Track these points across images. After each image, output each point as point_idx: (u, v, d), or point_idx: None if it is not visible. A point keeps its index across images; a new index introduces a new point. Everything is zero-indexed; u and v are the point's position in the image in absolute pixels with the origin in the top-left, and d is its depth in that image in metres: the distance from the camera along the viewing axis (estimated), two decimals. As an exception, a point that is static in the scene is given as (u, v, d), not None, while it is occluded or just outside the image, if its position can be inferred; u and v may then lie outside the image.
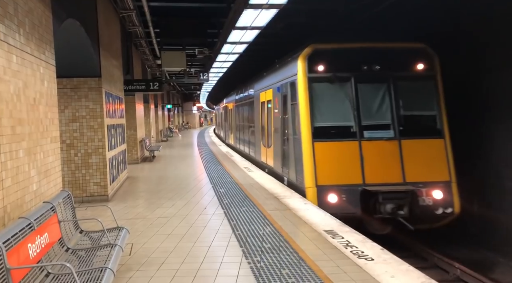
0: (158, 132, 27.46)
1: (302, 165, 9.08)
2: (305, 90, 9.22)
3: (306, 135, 9.08)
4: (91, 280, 3.51)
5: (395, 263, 4.80)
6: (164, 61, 16.18)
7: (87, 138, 8.75)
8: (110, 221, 6.24)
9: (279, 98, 11.41)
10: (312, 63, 9.29)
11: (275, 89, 11.85)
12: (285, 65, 11.12)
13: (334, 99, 9.26)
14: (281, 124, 11.12)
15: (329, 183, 8.72)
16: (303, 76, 9.31)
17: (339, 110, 9.23)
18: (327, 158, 8.92)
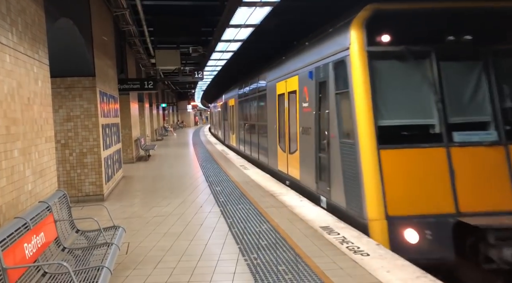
0: (153, 131, 27.40)
1: (360, 184, 6.15)
2: (363, 71, 6.30)
3: (366, 139, 6.13)
4: (88, 279, 3.51)
5: (391, 258, 4.84)
6: (158, 59, 16.16)
7: (81, 137, 8.73)
8: (106, 220, 6.24)
9: (311, 87, 8.44)
10: (373, 31, 6.37)
11: (304, 75, 8.82)
12: (323, 40, 7.96)
13: (407, 85, 6.42)
14: (315, 123, 8.19)
15: (405, 213, 5.81)
16: (360, 51, 6.35)
17: (415, 101, 6.39)
18: (400, 173, 6.01)
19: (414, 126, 6.38)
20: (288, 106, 10.44)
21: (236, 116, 20.40)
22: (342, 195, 6.86)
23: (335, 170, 7.21)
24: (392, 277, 4.30)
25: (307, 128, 8.84)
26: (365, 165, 6.11)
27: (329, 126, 7.46)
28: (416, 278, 4.25)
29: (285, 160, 10.72)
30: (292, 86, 9.93)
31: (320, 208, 7.48)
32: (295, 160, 9.74)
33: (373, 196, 5.95)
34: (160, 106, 35.55)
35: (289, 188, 9.59)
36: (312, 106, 8.44)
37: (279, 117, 11.44)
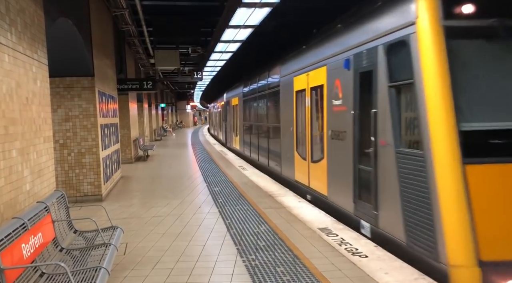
0: (152, 131, 27.38)
1: (434, 212, 4.46)
2: (438, 54, 4.58)
3: (444, 150, 4.44)
4: (85, 279, 3.50)
5: (389, 259, 4.84)
6: (158, 60, 16.14)
7: (80, 137, 8.71)
8: (104, 220, 6.23)
9: (346, 79, 6.63)
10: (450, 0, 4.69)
11: (336, 66, 7.09)
12: (369, 18, 6.18)
13: (502, 73, 4.69)
14: (353, 125, 6.42)
15: (506, 258, 4.17)
16: (434, 26, 4.64)
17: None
18: (497, 199, 4.32)
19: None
20: (310, 104, 8.63)
21: (240, 117, 18.26)
22: (399, 224, 5.06)
23: (386, 189, 5.41)
24: (390, 278, 4.30)
25: (339, 131, 6.95)
26: (444, 186, 4.33)
27: (377, 130, 5.61)
28: (414, 279, 4.25)
29: (306, 170, 8.80)
30: (317, 80, 8.04)
31: (318, 210, 7.47)
32: (321, 170, 7.87)
33: (457, 231, 4.20)
34: (159, 106, 35.51)
35: (287, 189, 9.57)
36: (348, 104, 6.59)
37: (297, 118, 9.58)
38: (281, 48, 15.81)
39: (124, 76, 14.41)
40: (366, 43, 6.06)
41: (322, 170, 7.88)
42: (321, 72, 7.92)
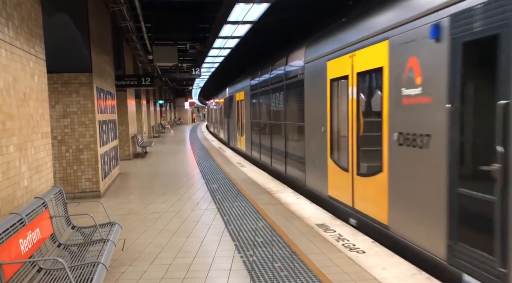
0: (150, 128, 27.35)
1: None
2: None
3: None
4: (83, 275, 3.51)
5: (386, 255, 4.85)
6: (156, 56, 16.11)
7: (78, 134, 8.70)
8: (102, 217, 6.23)
9: (433, 56, 4.59)
10: None
11: (411, 37, 4.99)
12: None
13: None
14: (449, 126, 4.32)
15: None
16: None
17: None
18: None
19: None
20: (356, 96, 6.43)
21: (246, 114, 16.00)
22: None
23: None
24: (387, 274, 4.31)
25: (416, 135, 4.88)
26: None
27: (509, 134, 3.56)
28: (411, 275, 4.27)
29: (347, 185, 6.72)
30: (370, 61, 5.95)
31: (316, 206, 7.48)
32: (376, 188, 5.80)
33: None
34: (157, 103, 35.44)
35: (285, 186, 9.57)
36: (437, 94, 4.50)
37: (332, 115, 7.44)
38: (288, 41, 15.72)
39: (122, 73, 14.37)
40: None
41: (378, 188, 5.71)
42: (377, 50, 5.72)
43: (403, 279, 4.18)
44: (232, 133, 20.33)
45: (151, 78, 15.19)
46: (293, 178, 9.90)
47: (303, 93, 8.95)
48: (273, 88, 11.69)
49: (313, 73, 8.37)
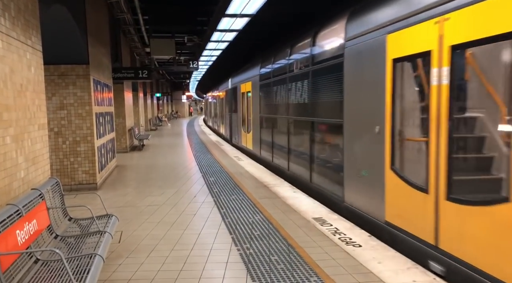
0: (147, 121, 27.29)
1: None
2: None
3: None
4: (80, 266, 3.51)
5: (382, 249, 4.88)
6: (153, 48, 16.03)
7: (75, 126, 8.67)
8: (99, 209, 6.23)
9: None
10: None
11: None
12: None
13: None
14: None
15: None
16: None
17: None
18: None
19: None
20: (450, 81, 4.31)
21: (254, 107, 13.58)
22: None
23: None
24: (383, 267, 4.34)
25: None
26: None
27: None
28: (407, 269, 4.30)
29: (427, 211, 4.60)
30: (487, 25, 3.79)
31: (313, 199, 7.51)
32: (497, 227, 3.68)
33: None
34: (155, 96, 35.35)
35: (283, 180, 9.59)
36: None
37: (394, 109, 5.31)
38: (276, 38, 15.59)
39: (119, 65, 14.31)
40: None
41: (498, 227, 3.66)
42: (498, 7, 3.68)
43: (398, 272, 4.21)
44: (235, 129, 17.88)
45: (148, 70, 15.13)
46: (323, 190, 7.79)
47: (341, 80, 6.80)
48: (293, 76, 9.40)
49: (359, 53, 6.21)
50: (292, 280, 4.09)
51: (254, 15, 11.20)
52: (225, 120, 21.45)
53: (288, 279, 4.11)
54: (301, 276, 4.17)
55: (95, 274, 3.38)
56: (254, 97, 13.67)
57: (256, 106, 13.30)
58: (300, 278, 4.13)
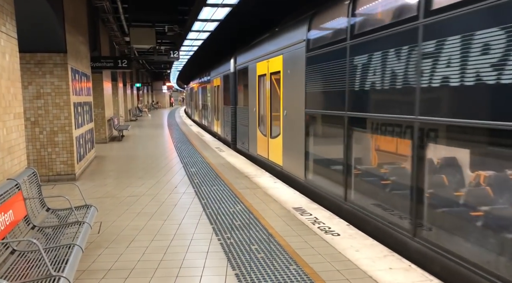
0: (126, 111, 26.93)
1: None
2: None
3: None
4: (58, 256, 3.47)
5: (360, 237, 4.98)
6: (133, 38, 15.79)
7: (52, 115, 8.50)
8: (78, 199, 6.16)
9: None
10: None
11: None
12: None
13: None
14: None
15: None
16: None
17: None
18: None
19: None
20: None
21: (290, 99, 8.47)
22: None
23: None
24: (360, 255, 4.44)
25: None
26: None
27: None
28: (383, 256, 4.40)
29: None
30: None
31: (293, 190, 7.58)
32: None
33: None
34: (135, 86, 34.88)
35: (263, 170, 9.63)
36: None
37: None
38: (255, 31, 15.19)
39: (98, 54, 14.06)
40: None
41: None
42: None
43: (375, 260, 4.31)
44: (243, 129, 12.96)
45: (128, 60, 14.90)
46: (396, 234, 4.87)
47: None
48: (389, 40, 5.01)
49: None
50: (271, 268, 4.15)
51: (236, 5, 11.12)
52: (223, 115, 16.24)
53: (268, 268, 4.16)
54: (280, 265, 4.23)
55: (74, 264, 3.36)
56: (287, 83, 8.48)
57: (297, 95, 7.96)
58: (280, 266, 4.18)
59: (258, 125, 11.07)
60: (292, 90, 8.27)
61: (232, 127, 14.53)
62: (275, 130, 9.67)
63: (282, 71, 8.80)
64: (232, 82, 14.23)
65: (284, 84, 8.68)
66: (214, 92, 18.66)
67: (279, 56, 9.02)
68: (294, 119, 8.24)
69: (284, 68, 8.67)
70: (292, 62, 8.24)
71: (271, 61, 9.57)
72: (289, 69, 8.37)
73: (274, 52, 9.36)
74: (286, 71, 8.54)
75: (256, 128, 11.23)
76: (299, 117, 7.92)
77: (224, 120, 16.00)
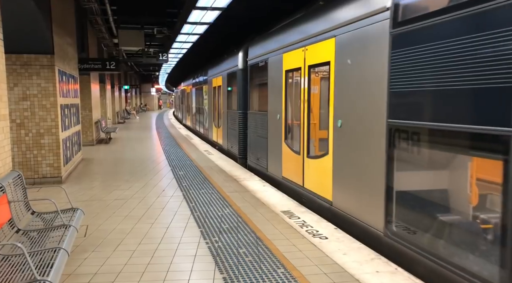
0: (114, 114, 26.73)
1: None
2: None
3: None
4: (43, 260, 3.43)
5: (348, 241, 5.01)
6: (121, 40, 15.71)
7: (39, 117, 8.40)
8: (64, 203, 6.08)
9: None
10: None
11: None
12: None
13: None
14: None
15: None
16: None
17: None
18: None
19: None
20: None
21: (353, 100, 5.58)
22: None
23: None
24: (348, 259, 4.46)
25: None
26: None
27: None
28: (370, 259, 4.43)
29: None
30: None
31: (282, 193, 7.60)
32: None
33: None
34: (123, 88, 34.65)
35: (252, 173, 9.63)
36: None
37: None
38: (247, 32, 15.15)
39: (86, 56, 13.95)
40: None
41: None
42: None
43: (362, 263, 4.34)
44: (259, 142, 9.74)
45: (116, 62, 14.82)
46: None
47: None
48: None
49: None
50: (259, 271, 4.15)
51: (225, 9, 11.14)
52: (226, 122, 13.53)
53: (255, 271, 4.16)
54: (268, 268, 4.23)
55: (59, 268, 3.31)
56: (349, 77, 5.72)
57: (366, 97, 5.31)
58: (268, 270, 4.18)
59: (284, 137, 8.16)
60: (355, 90, 5.48)
61: (240, 138, 11.62)
62: (319, 146, 7.17)
63: (333, 61, 6.01)
64: (240, 81, 11.55)
65: (338, 81, 5.90)
66: (213, 94, 16.13)
67: (328, 39, 6.17)
68: (359, 133, 5.37)
69: (338, 56, 5.91)
70: (357, 47, 5.42)
71: (312, 49, 6.80)
72: (350, 57, 5.63)
73: (319, 34, 6.51)
74: (342, 61, 5.79)
75: (281, 141, 8.25)
76: (372, 131, 5.08)
77: (228, 128, 13.11)
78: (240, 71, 11.59)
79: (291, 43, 7.71)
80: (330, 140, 6.15)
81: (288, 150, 7.99)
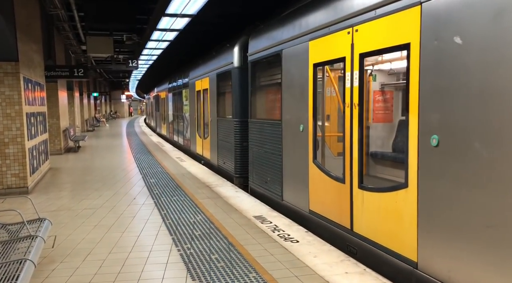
0: (83, 122, 26.19)
1: None
2: None
3: None
4: (8, 272, 3.34)
5: (318, 244, 5.10)
6: (90, 46, 15.43)
7: (3, 126, 8.16)
8: (31, 213, 5.94)
9: None
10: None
11: None
12: None
13: None
14: None
15: None
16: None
17: None
18: None
19: None
20: None
21: None
22: None
23: None
24: (318, 261, 4.55)
25: None
26: None
27: None
28: (340, 261, 4.53)
29: None
30: None
31: (254, 198, 7.64)
32: None
33: None
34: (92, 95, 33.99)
35: (225, 180, 9.63)
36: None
37: None
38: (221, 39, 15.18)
39: (52, 63, 13.65)
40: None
41: None
42: None
43: (332, 265, 4.43)
44: (269, 159, 7.43)
45: (84, 69, 14.56)
46: None
47: None
48: None
49: None
50: (231, 276, 4.17)
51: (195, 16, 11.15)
52: (215, 132, 11.29)
53: (227, 276, 4.18)
54: (240, 273, 4.26)
55: (25, 280, 3.24)
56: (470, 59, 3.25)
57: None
58: (240, 274, 4.21)
59: (312, 156, 5.92)
60: (468, 88, 3.27)
61: (237, 152, 9.57)
62: (376, 170, 5.57)
63: (417, 43, 3.80)
64: (237, 82, 9.49)
65: (430, 73, 3.68)
66: (196, 99, 13.80)
67: (406, 10, 3.93)
68: (477, 156, 3.20)
69: (428, 34, 3.68)
70: (474, 16, 3.20)
71: (368, 28, 4.56)
72: (457, 33, 3.36)
73: (385, 4, 4.25)
74: (438, 41, 3.55)
75: (308, 161, 6.00)
76: (507, 156, 2.98)
77: (219, 139, 10.92)
78: (236, 70, 9.49)
79: (325, 25, 5.45)
80: (411, 166, 3.94)
81: (320, 175, 5.72)
